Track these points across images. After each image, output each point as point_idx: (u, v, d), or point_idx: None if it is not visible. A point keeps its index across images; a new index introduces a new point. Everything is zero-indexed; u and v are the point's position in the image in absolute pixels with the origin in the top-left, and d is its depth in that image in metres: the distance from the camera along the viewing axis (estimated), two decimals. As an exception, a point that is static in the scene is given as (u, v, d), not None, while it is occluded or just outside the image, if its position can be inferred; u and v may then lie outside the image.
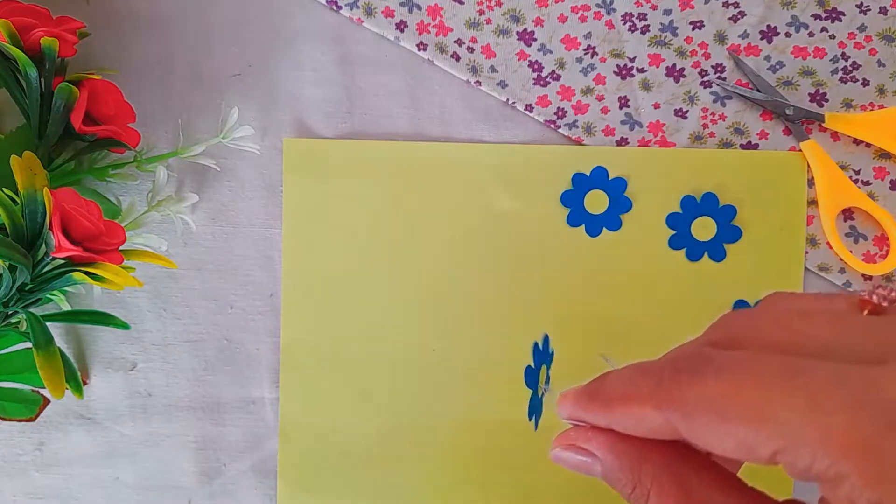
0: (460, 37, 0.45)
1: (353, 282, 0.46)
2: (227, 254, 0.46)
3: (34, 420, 0.46)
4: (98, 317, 0.45)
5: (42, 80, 0.38)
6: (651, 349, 0.43)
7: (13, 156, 0.35)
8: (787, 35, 0.45)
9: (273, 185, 0.46)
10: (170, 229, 0.45)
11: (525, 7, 0.45)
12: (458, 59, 0.46)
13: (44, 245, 0.35)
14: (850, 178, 0.45)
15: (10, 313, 0.38)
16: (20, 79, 0.38)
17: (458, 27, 0.45)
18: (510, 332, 0.45)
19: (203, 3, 0.46)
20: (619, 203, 0.45)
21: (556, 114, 0.46)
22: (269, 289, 0.46)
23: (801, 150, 0.45)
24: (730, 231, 0.45)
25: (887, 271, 0.44)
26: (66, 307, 0.43)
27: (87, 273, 0.35)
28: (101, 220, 0.37)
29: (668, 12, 0.45)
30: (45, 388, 0.39)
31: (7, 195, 0.35)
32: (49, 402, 0.46)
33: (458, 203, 0.45)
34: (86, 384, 0.46)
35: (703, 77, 0.45)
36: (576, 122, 0.46)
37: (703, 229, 0.45)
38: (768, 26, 0.45)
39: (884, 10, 0.44)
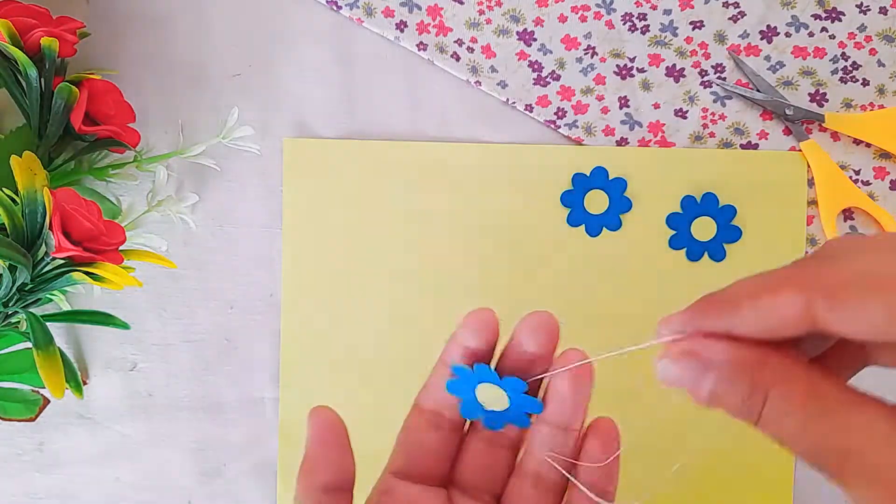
0: (460, 37, 0.45)
1: (353, 282, 0.46)
2: (227, 254, 0.46)
3: (34, 420, 0.46)
4: (98, 317, 0.45)
5: (42, 80, 0.38)
6: (651, 349, 0.43)
7: (13, 156, 0.35)
8: (787, 35, 0.45)
9: (273, 185, 0.46)
10: (170, 229, 0.45)
11: (525, 7, 0.45)
12: (458, 59, 0.46)
13: (44, 245, 0.35)
14: (850, 178, 0.45)
15: (10, 313, 0.38)
16: (20, 79, 0.38)
17: (458, 27, 0.45)
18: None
19: (203, 3, 0.46)
20: (619, 203, 0.45)
21: (556, 114, 0.45)
22: (269, 289, 0.46)
23: (801, 150, 0.45)
24: (730, 231, 0.45)
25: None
26: (66, 307, 0.43)
27: (87, 273, 0.35)
28: (101, 220, 0.37)
29: (668, 12, 0.45)
30: (45, 388, 0.39)
31: (7, 195, 0.35)
32: (49, 402, 0.46)
33: (458, 203, 0.45)
34: (86, 384, 0.46)
35: (703, 77, 0.45)
36: (576, 122, 0.45)
37: (703, 229, 0.45)
38: (768, 26, 0.45)
39: (884, 10, 0.44)
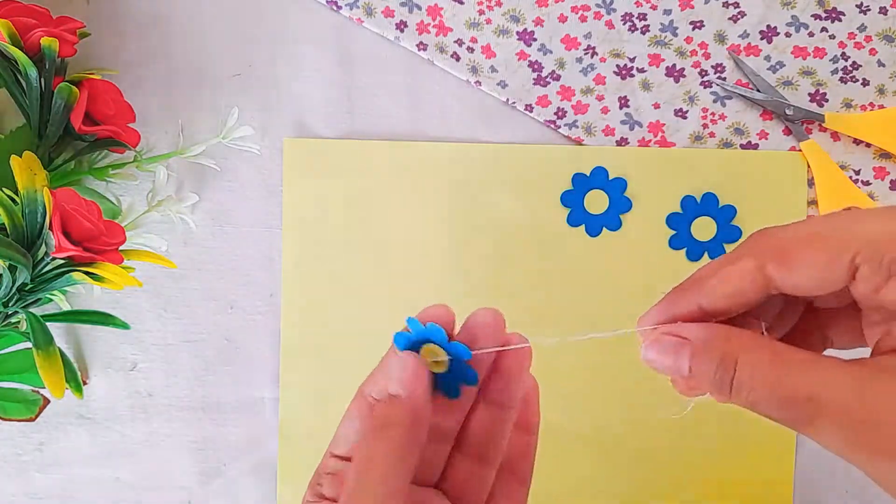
0: (460, 37, 0.45)
1: (353, 282, 0.46)
2: (227, 254, 0.46)
3: (34, 420, 0.46)
4: (98, 317, 0.45)
5: (42, 80, 0.38)
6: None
7: (13, 156, 0.35)
8: (787, 35, 0.45)
9: (273, 185, 0.46)
10: (170, 229, 0.45)
11: (525, 7, 0.45)
12: (458, 59, 0.46)
13: (44, 245, 0.35)
14: (850, 178, 0.45)
15: (10, 313, 0.38)
16: (20, 79, 0.38)
17: (458, 27, 0.45)
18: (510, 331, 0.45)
19: (203, 3, 0.46)
20: (619, 203, 0.45)
21: (556, 114, 0.45)
22: (269, 289, 0.46)
23: (801, 150, 0.45)
24: (730, 231, 0.45)
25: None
26: (66, 307, 0.43)
27: (87, 273, 0.35)
28: (101, 220, 0.37)
29: (668, 12, 0.45)
30: (45, 388, 0.39)
31: (7, 195, 0.35)
32: (49, 402, 0.46)
33: (458, 203, 0.45)
34: (86, 384, 0.46)
35: (703, 77, 0.45)
36: (576, 122, 0.45)
37: (703, 229, 0.45)
38: (768, 26, 0.45)
39: (884, 10, 0.44)
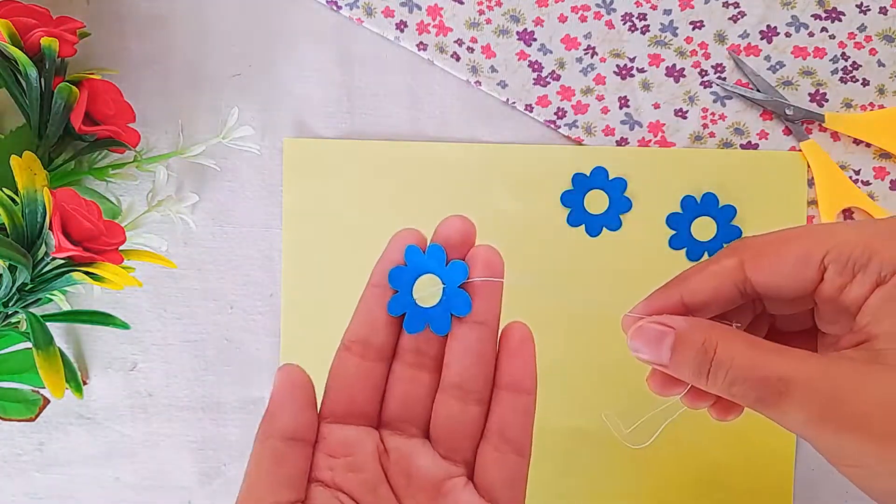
0: (460, 37, 0.45)
1: (353, 282, 0.46)
2: (227, 254, 0.46)
3: (34, 420, 0.46)
4: (98, 317, 0.45)
5: (42, 80, 0.38)
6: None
7: (13, 156, 0.35)
8: (787, 35, 0.45)
9: (273, 185, 0.46)
10: (170, 229, 0.45)
11: (525, 7, 0.45)
12: (458, 59, 0.46)
13: (44, 245, 0.35)
14: (850, 178, 0.45)
15: (10, 313, 0.38)
16: (20, 79, 0.38)
17: (458, 27, 0.45)
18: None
19: (203, 3, 0.46)
20: (619, 203, 0.45)
21: (556, 114, 0.45)
22: (269, 289, 0.46)
23: (801, 150, 0.45)
24: (730, 231, 0.45)
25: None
26: (66, 307, 0.43)
27: (87, 273, 0.35)
28: (101, 220, 0.37)
29: (668, 12, 0.45)
30: (45, 388, 0.39)
31: (7, 195, 0.35)
32: (49, 402, 0.46)
33: (458, 203, 0.45)
34: (86, 384, 0.46)
35: (703, 77, 0.45)
36: (576, 122, 0.45)
37: (703, 229, 0.45)
38: (768, 26, 0.45)
39: (884, 10, 0.44)
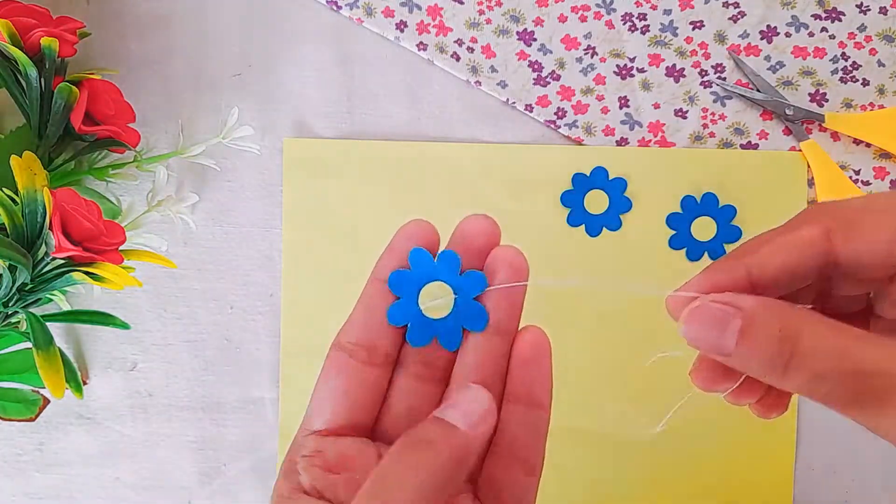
0: (460, 37, 0.45)
1: (353, 282, 0.46)
2: (227, 254, 0.46)
3: (34, 420, 0.46)
4: (98, 317, 0.45)
5: (42, 80, 0.38)
6: (651, 349, 0.43)
7: (13, 156, 0.35)
8: (787, 35, 0.45)
9: (273, 185, 0.46)
10: (170, 229, 0.45)
11: (525, 7, 0.45)
12: (458, 59, 0.46)
13: (44, 245, 0.35)
14: (850, 178, 0.45)
15: (10, 313, 0.38)
16: (20, 79, 0.38)
17: (458, 27, 0.45)
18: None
19: (203, 3, 0.46)
20: (619, 203, 0.45)
21: (556, 114, 0.45)
22: (269, 289, 0.46)
23: (801, 150, 0.45)
24: (730, 231, 0.45)
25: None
26: (66, 307, 0.43)
27: (87, 273, 0.35)
28: (101, 220, 0.37)
29: (668, 12, 0.45)
30: (45, 388, 0.39)
31: (7, 195, 0.35)
32: (49, 402, 0.46)
33: (457, 203, 0.45)
34: (86, 384, 0.46)
35: (703, 77, 0.45)
36: (576, 122, 0.45)
37: (703, 229, 0.45)
38: (768, 26, 0.45)
39: (884, 10, 0.44)
